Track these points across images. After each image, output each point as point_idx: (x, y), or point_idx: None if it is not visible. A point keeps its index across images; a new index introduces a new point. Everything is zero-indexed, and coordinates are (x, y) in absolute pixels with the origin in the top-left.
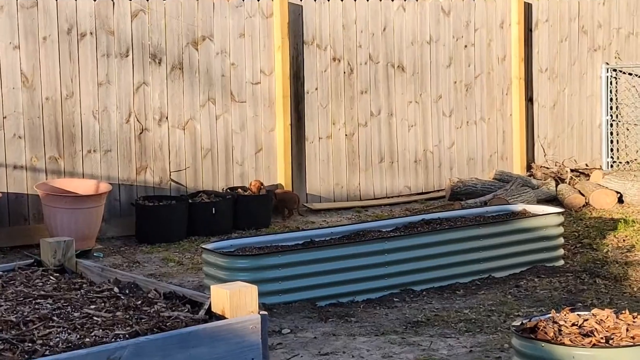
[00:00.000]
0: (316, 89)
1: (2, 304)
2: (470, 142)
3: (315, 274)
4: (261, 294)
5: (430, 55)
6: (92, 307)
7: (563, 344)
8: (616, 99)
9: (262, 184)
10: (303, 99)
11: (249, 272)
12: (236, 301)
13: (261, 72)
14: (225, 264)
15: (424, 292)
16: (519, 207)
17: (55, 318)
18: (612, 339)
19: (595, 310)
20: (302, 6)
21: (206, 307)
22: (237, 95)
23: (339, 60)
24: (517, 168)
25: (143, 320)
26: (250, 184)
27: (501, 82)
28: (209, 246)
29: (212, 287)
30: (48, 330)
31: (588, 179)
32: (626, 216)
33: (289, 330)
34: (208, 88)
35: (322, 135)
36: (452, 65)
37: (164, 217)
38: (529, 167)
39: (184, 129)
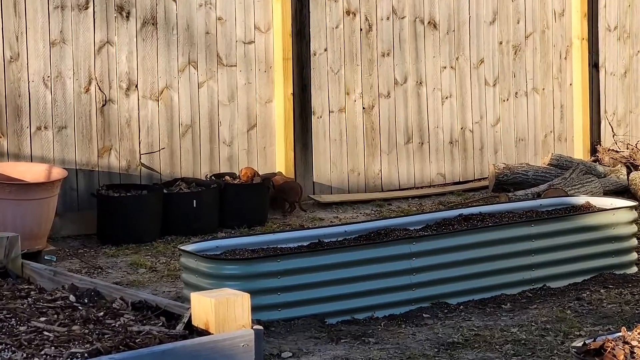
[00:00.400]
0: (325, 50)
1: None
2: (519, 119)
3: (323, 283)
4: (256, 309)
5: (470, 8)
6: (42, 319)
7: None
8: None
9: (255, 171)
10: (309, 62)
11: (240, 280)
12: (223, 312)
13: (256, 29)
14: (209, 270)
15: (461, 306)
16: (580, 199)
17: None
18: None
19: None
20: None
21: (185, 319)
22: (225, 57)
23: (355, 14)
24: (579, 151)
25: (106, 335)
26: (241, 172)
27: (558, 43)
28: (189, 248)
29: (193, 294)
30: None
31: None
32: None
33: (290, 354)
34: (188, 49)
35: (333, 108)
36: (497, 22)
37: (132, 211)
38: (593, 151)
39: (158, 100)
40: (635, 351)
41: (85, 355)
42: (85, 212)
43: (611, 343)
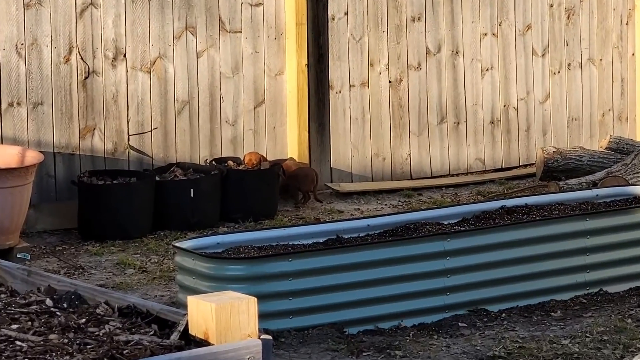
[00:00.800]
0: (346, 13)
1: None
2: (572, 95)
3: (343, 286)
4: (264, 316)
5: None
6: (14, 326)
7: None
8: None
9: (261, 157)
10: (326, 28)
11: (245, 283)
12: (226, 319)
13: None
14: (209, 271)
15: (503, 314)
16: None
17: None
18: None
19: None
20: None
21: (181, 328)
22: (228, 22)
23: None
24: None
25: (89, 346)
26: (245, 158)
27: (619, 6)
28: (185, 245)
29: (190, 298)
30: None
31: None
32: None
33: None
34: (186, 12)
35: (354, 81)
36: None
37: (119, 202)
38: None
39: (150, 72)
40: None
41: None
42: (65, 202)
43: None
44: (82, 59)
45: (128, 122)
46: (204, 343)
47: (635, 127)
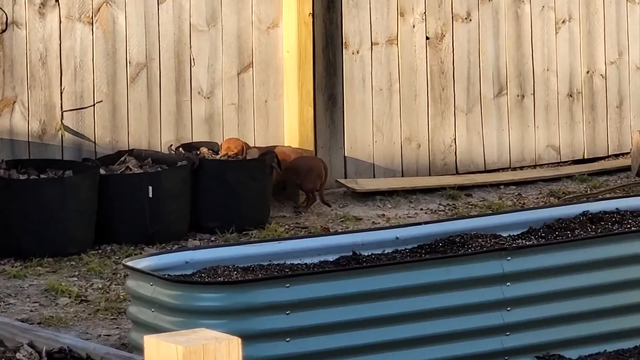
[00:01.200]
0: None
1: None
2: None
3: (360, 323)
4: None
5: None
6: None
7: None
8: None
9: (244, 144)
10: None
11: (225, 317)
12: None
13: None
14: (174, 300)
15: None
16: None
17: None
18: None
19: None
20: None
21: None
22: None
23: None
24: None
25: None
26: (222, 146)
27: None
28: (142, 264)
29: (147, 339)
30: None
31: None
32: None
33: None
34: None
35: (378, 38)
36: None
37: (49, 204)
38: None
39: (92, 24)
40: None
41: None
42: None
43: None
44: None
45: (62, 93)
46: None
47: None
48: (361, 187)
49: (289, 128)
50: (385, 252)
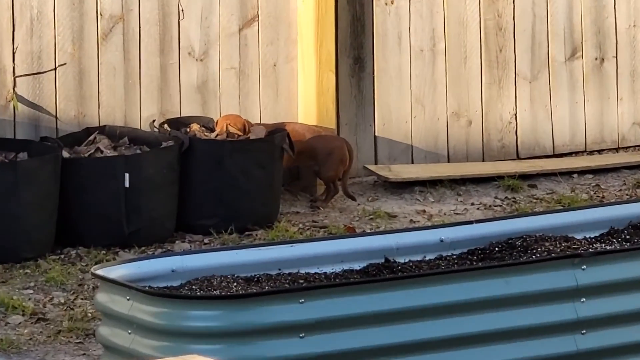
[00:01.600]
0: None
1: None
2: None
3: (395, 349)
4: None
5: None
6: None
7: None
8: None
9: (246, 122)
10: None
11: (222, 341)
12: None
13: None
14: (158, 320)
15: None
16: None
17: None
18: None
19: None
20: None
21: None
22: None
23: None
24: None
25: None
26: (216, 123)
27: None
28: (116, 273)
29: None
30: None
31: None
32: None
33: None
34: None
35: None
36: None
37: None
38: None
39: None
40: None
41: None
42: None
43: None
44: None
45: (14, 54)
46: None
47: None
48: (396, 176)
49: (304, 100)
50: (427, 258)
